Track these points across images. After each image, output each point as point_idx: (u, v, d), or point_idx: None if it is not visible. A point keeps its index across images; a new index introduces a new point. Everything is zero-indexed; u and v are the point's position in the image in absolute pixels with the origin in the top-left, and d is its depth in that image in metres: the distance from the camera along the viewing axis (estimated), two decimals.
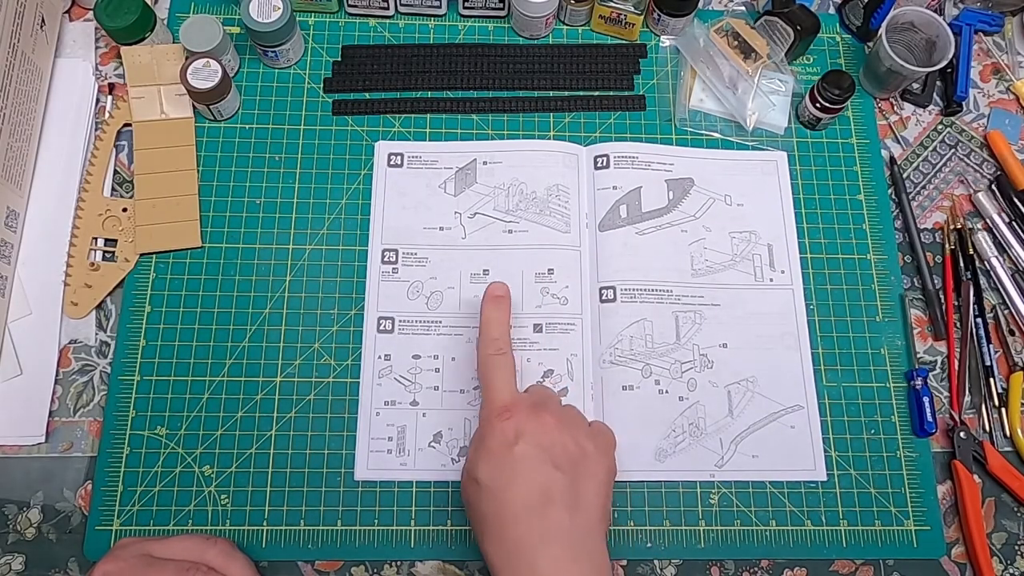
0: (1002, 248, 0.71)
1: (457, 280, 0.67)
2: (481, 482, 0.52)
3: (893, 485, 0.63)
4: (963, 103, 0.75)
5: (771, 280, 0.68)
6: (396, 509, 0.61)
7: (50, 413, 0.63)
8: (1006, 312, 0.69)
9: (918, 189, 0.73)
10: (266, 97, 0.72)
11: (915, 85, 0.75)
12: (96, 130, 0.70)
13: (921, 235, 0.71)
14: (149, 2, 0.70)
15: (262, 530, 0.61)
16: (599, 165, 0.70)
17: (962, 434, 0.64)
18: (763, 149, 0.72)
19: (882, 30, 0.70)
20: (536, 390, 0.59)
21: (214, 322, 0.65)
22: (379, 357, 0.65)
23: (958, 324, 0.68)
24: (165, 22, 0.74)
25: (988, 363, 0.67)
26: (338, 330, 0.66)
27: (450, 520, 0.61)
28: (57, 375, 0.64)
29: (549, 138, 0.72)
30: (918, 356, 0.68)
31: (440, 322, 0.66)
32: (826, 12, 0.79)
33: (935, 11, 0.73)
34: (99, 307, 0.66)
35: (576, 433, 0.54)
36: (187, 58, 0.67)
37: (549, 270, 0.67)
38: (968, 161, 0.74)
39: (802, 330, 0.67)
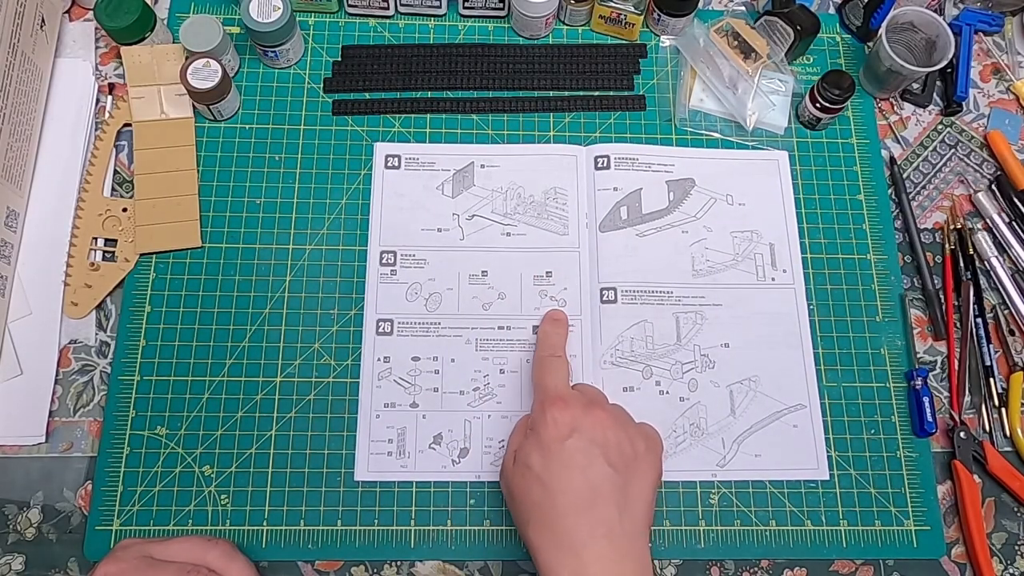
0: (1002, 248, 0.71)
1: (456, 281, 0.67)
2: (533, 470, 0.52)
3: (893, 485, 0.63)
4: (963, 103, 0.75)
5: (773, 279, 0.68)
6: (396, 509, 0.61)
7: (50, 413, 0.63)
8: (1006, 312, 0.69)
9: (918, 189, 0.73)
10: (266, 97, 0.72)
11: (915, 85, 0.75)
12: (96, 130, 0.70)
13: (921, 235, 0.71)
14: (149, 2, 0.70)
15: (262, 530, 0.61)
16: (599, 166, 0.70)
17: (962, 434, 0.64)
18: (763, 149, 0.72)
19: (882, 30, 0.70)
20: (586, 388, 0.59)
21: (214, 322, 0.65)
22: (378, 359, 0.65)
23: (958, 324, 0.68)
24: (165, 22, 0.74)
25: (988, 363, 0.67)
26: (338, 330, 0.66)
27: (450, 520, 0.61)
28: (57, 375, 0.64)
29: (549, 138, 0.72)
30: (918, 356, 0.68)
31: (439, 324, 0.66)
32: (826, 12, 0.79)
33: (935, 11, 0.73)
34: (99, 307, 0.66)
35: (630, 432, 0.55)
36: (187, 58, 0.67)
37: (547, 272, 0.67)
38: (968, 161, 0.74)
39: (804, 329, 0.67)
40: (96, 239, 0.67)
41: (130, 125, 0.70)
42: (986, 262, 0.70)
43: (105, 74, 0.73)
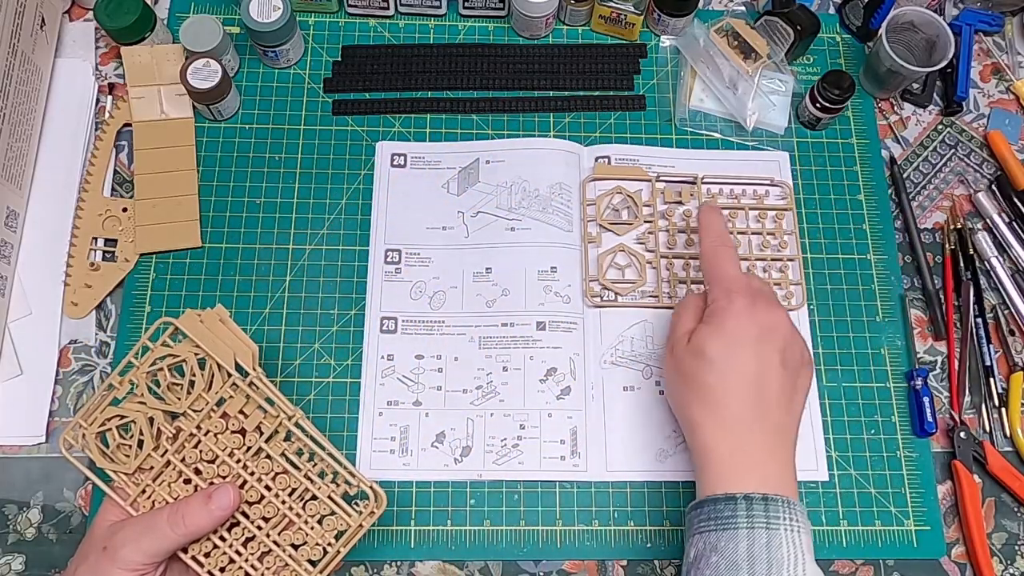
0: (1002, 248, 0.71)
1: (460, 279, 0.67)
2: (709, 355, 0.53)
3: (893, 485, 0.63)
4: (963, 103, 0.75)
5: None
6: (396, 509, 0.61)
7: (50, 413, 0.63)
8: (1006, 312, 0.69)
9: (918, 189, 0.73)
10: (266, 97, 0.72)
11: (915, 85, 0.75)
12: (96, 130, 0.70)
13: (921, 235, 0.71)
14: (149, 2, 0.70)
15: None
16: None
17: (962, 434, 0.64)
18: (763, 149, 0.72)
19: (882, 30, 0.70)
20: (756, 280, 0.58)
21: None
22: (382, 357, 0.65)
23: (958, 324, 0.68)
24: (165, 22, 0.74)
25: (988, 363, 0.67)
26: (338, 330, 0.66)
27: (450, 520, 0.61)
28: (57, 375, 0.64)
29: (549, 138, 0.72)
30: (918, 356, 0.68)
31: (443, 322, 0.66)
32: (826, 12, 0.79)
33: (935, 11, 0.73)
34: (99, 307, 0.66)
35: (799, 340, 0.56)
36: (187, 58, 0.67)
37: (552, 268, 0.67)
38: (968, 161, 0.74)
39: (804, 329, 0.67)
40: (96, 239, 0.67)
41: (130, 125, 0.70)
42: (986, 262, 0.70)
43: (105, 74, 0.73)
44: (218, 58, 0.67)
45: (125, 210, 0.68)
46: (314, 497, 0.54)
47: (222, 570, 0.53)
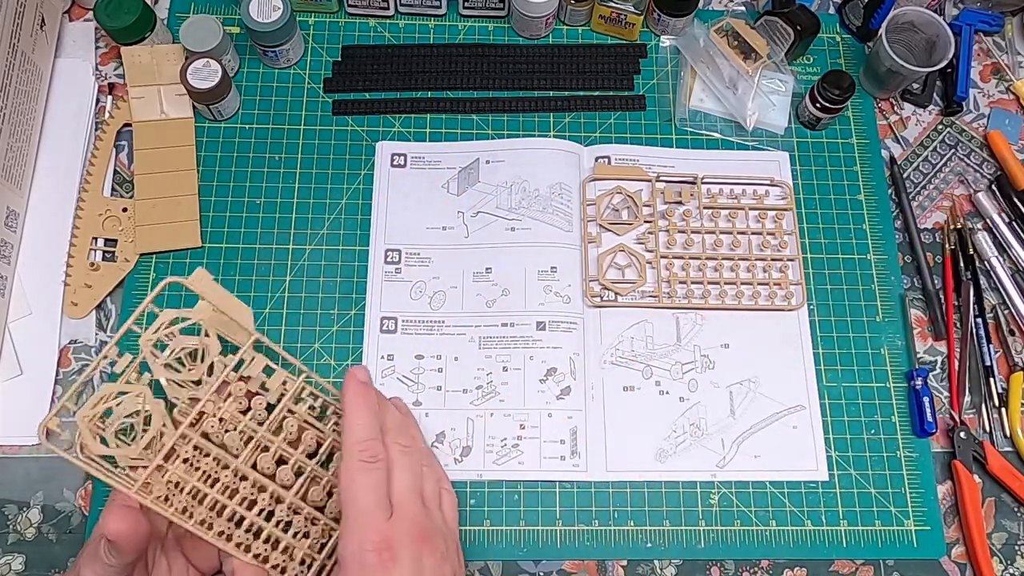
0: (1002, 248, 0.71)
1: (460, 279, 0.67)
2: None
3: (893, 485, 0.63)
4: (963, 103, 0.75)
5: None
6: None
7: None
8: (1006, 312, 0.69)
9: (918, 189, 0.73)
10: (266, 97, 0.72)
11: (915, 85, 0.75)
12: (96, 130, 0.70)
13: (921, 235, 0.71)
14: (149, 2, 0.70)
15: None
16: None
17: (962, 434, 0.64)
18: (763, 149, 0.72)
19: (882, 30, 0.70)
20: (412, 508, 0.49)
21: None
22: (382, 357, 0.65)
23: (958, 324, 0.68)
24: (165, 22, 0.74)
25: (988, 363, 0.67)
26: (338, 330, 0.66)
27: None
28: (57, 375, 0.64)
29: (549, 138, 0.72)
30: (918, 356, 0.68)
31: (443, 322, 0.66)
32: (826, 12, 0.79)
33: (935, 11, 0.73)
34: (99, 307, 0.66)
35: (456, 567, 0.50)
36: (187, 58, 0.67)
37: (552, 268, 0.67)
38: (968, 161, 0.74)
39: (804, 329, 0.67)
40: (96, 239, 0.67)
41: (130, 125, 0.70)
42: (986, 262, 0.70)
43: (105, 74, 0.73)
44: (218, 58, 0.67)
45: (125, 210, 0.68)
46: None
47: (275, 546, 0.53)
